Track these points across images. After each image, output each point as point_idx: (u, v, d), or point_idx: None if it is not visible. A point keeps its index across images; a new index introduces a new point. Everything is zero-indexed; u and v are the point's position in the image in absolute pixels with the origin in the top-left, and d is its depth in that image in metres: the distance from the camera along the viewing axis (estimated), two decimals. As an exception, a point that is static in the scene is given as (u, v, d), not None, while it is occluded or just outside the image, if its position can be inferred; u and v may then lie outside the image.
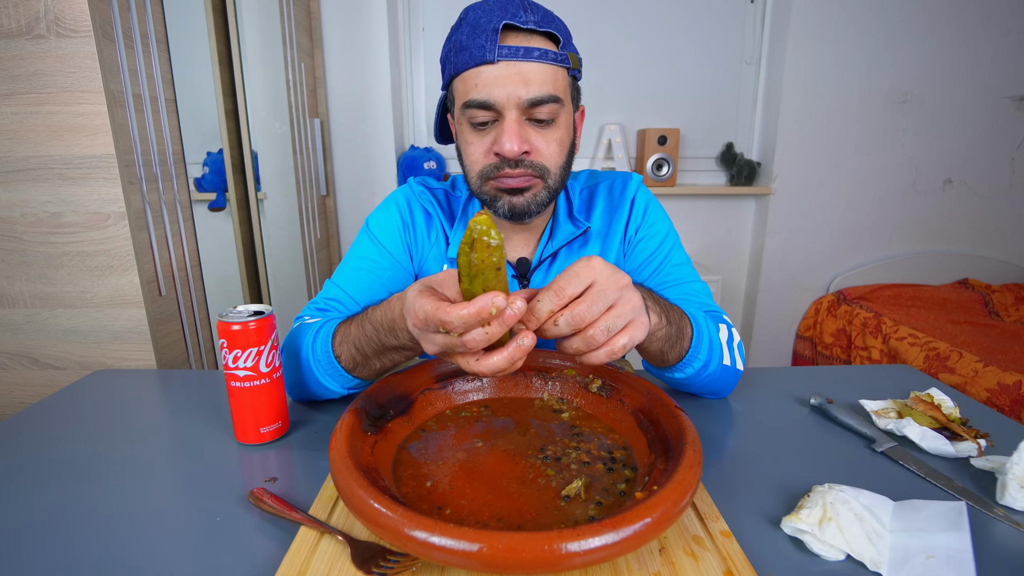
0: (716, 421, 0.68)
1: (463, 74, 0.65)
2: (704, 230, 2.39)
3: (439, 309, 0.42)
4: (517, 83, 0.63)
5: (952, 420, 0.62)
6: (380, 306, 0.58)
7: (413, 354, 0.61)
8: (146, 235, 0.94)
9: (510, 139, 0.64)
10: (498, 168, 0.68)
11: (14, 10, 0.82)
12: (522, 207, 0.70)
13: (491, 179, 0.69)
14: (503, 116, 0.65)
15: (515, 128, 0.64)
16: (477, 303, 0.41)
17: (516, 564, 0.34)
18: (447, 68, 0.68)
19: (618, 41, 2.23)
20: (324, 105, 2.06)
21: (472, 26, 0.64)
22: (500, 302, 0.41)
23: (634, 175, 0.83)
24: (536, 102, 0.64)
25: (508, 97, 0.63)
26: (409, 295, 0.48)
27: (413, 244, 0.80)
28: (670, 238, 0.81)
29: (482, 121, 0.66)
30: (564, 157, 0.71)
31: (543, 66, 0.64)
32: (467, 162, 0.71)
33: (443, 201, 0.82)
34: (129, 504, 0.51)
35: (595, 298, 0.44)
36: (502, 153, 0.65)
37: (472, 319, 0.41)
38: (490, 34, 0.62)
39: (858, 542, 0.43)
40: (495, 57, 0.62)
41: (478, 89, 0.64)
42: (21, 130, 0.86)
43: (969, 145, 2.26)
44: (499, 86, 0.63)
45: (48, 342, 0.95)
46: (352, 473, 0.42)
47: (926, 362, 1.77)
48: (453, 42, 0.66)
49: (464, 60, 0.64)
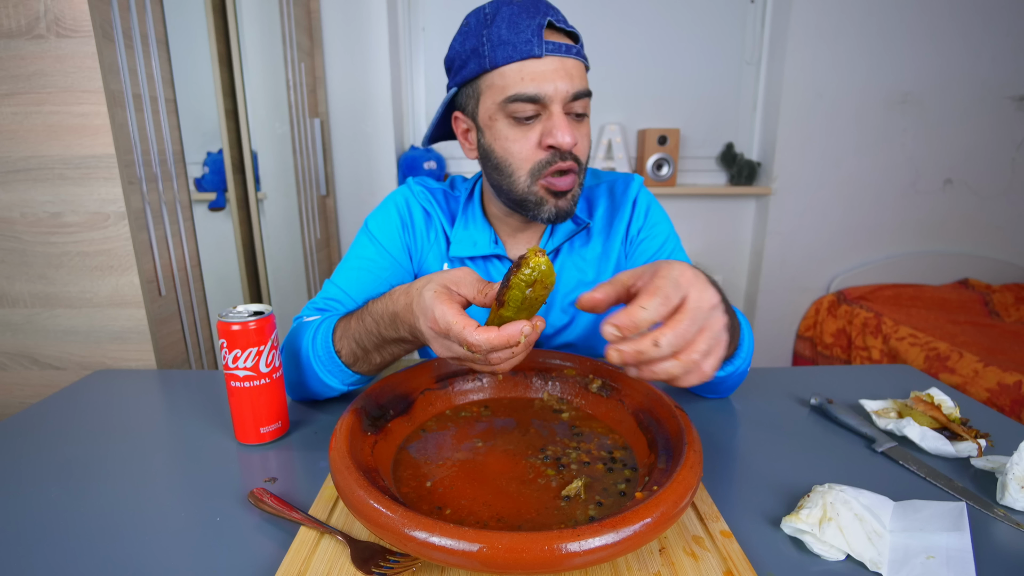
0: (716, 421, 0.67)
1: (503, 68, 0.65)
2: (704, 230, 2.39)
3: (465, 329, 0.44)
4: (563, 77, 0.65)
5: (952, 420, 0.62)
6: (381, 299, 0.58)
7: (413, 347, 0.61)
8: (146, 235, 0.94)
9: (564, 131, 0.65)
10: (550, 163, 0.68)
11: (14, 10, 0.82)
12: (565, 210, 0.71)
13: (542, 177, 0.69)
14: (549, 110, 0.66)
15: (565, 121, 0.66)
16: (507, 331, 0.43)
17: (516, 564, 0.34)
18: (473, 63, 0.67)
19: (618, 41, 2.23)
20: (324, 105, 2.06)
21: (511, 22, 0.65)
22: (528, 330, 0.43)
23: (636, 176, 0.84)
24: (578, 95, 0.66)
25: (556, 91, 0.65)
26: (426, 295, 0.48)
27: (412, 243, 0.80)
28: (672, 239, 0.82)
29: (528, 116, 0.66)
30: (590, 150, 0.73)
31: (579, 62, 0.67)
32: (512, 161, 0.69)
33: (442, 201, 0.82)
34: (129, 504, 0.51)
35: (694, 316, 0.40)
36: (558, 146, 0.66)
37: (500, 345, 0.43)
38: (536, 30, 0.64)
39: (858, 542, 0.42)
40: (543, 52, 0.64)
41: (525, 83, 0.65)
42: (21, 130, 0.86)
43: (969, 145, 2.26)
44: (547, 80, 0.64)
45: (48, 342, 0.95)
46: (352, 473, 0.42)
47: (926, 362, 1.77)
48: (486, 36, 0.66)
49: (506, 54, 0.64)
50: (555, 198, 0.70)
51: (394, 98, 2.10)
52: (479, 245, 0.78)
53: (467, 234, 0.79)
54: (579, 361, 0.65)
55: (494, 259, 0.79)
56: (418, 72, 2.29)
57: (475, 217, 0.79)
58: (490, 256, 0.79)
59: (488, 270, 0.79)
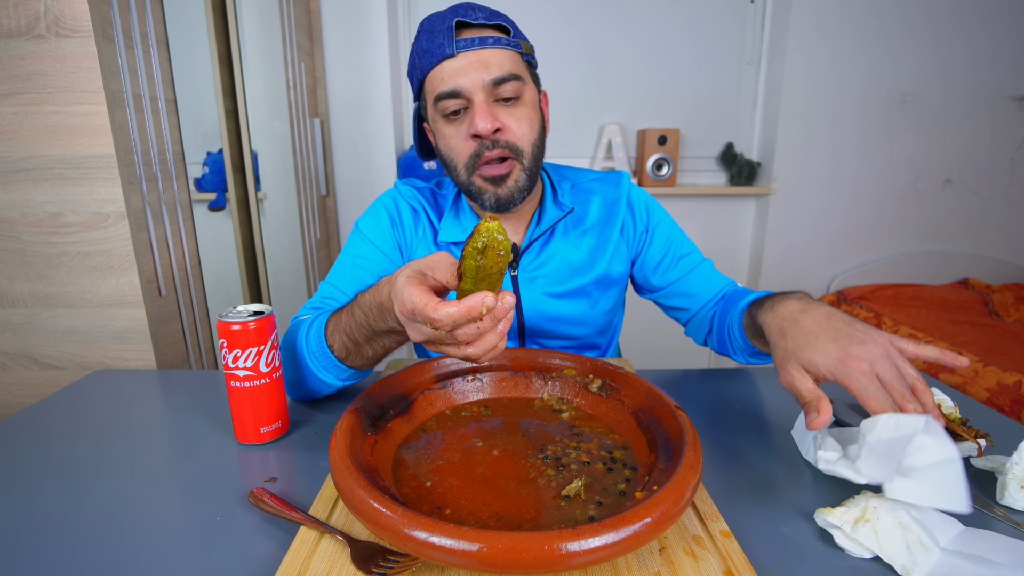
0: (716, 421, 0.68)
1: (429, 74, 0.71)
2: (704, 230, 2.38)
3: (427, 306, 0.43)
4: (478, 68, 0.68)
5: (952, 420, 0.62)
6: (369, 291, 0.59)
7: (404, 339, 0.61)
8: (146, 235, 0.94)
9: (481, 118, 0.68)
10: (478, 155, 0.71)
11: (14, 10, 0.82)
12: (506, 197, 0.73)
13: (475, 169, 0.72)
14: (472, 101, 0.69)
15: (485, 108, 0.69)
16: (466, 303, 0.41)
17: (516, 564, 0.34)
18: (414, 77, 0.74)
19: (618, 41, 2.23)
20: (324, 105, 2.06)
21: (428, 31, 0.70)
22: (490, 301, 0.41)
23: (623, 173, 0.88)
24: (499, 81, 0.69)
25: (473, 82, 0.68)
26: (399, 280, 0.48)
27: (402, 240, 0.82)
28: (675, 229, 0.88)
29: (454, 110, 0.70)
30: (535, 135, 0.74)
31: (499, 51, 0.70)
32: (450, 156, 0.74)
33: (429, 198, 0.85)
34: (129, 504, 0.51)
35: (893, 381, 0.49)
36: (476, 132, 0.69)
37: (461, 318, 0.42)
38: (446, 32, 0.68)
39: (892, 547, 0.42)
40: (454, 50, 0.68)
41: (444, 81, 0.69)
42: (21, 130, 0.86)
43: (969, 145, 2.26)
44: (463, 74, 0.68)
45: (48, 342, 0.95)
46: (352, 473, 0.42)
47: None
48: (415, 51, 0.72)
49: (428, 61, 0.70)
50: (493, 185, 0.72)
51: (394, 98, 2.10)
52: (467, 230, 0.80)
53: (456, 223, 0.81)
54: (579, 361, 0.65)
55: None
56: (418, 72, 2.28)
57: (463, 209, 0.82)
58: None
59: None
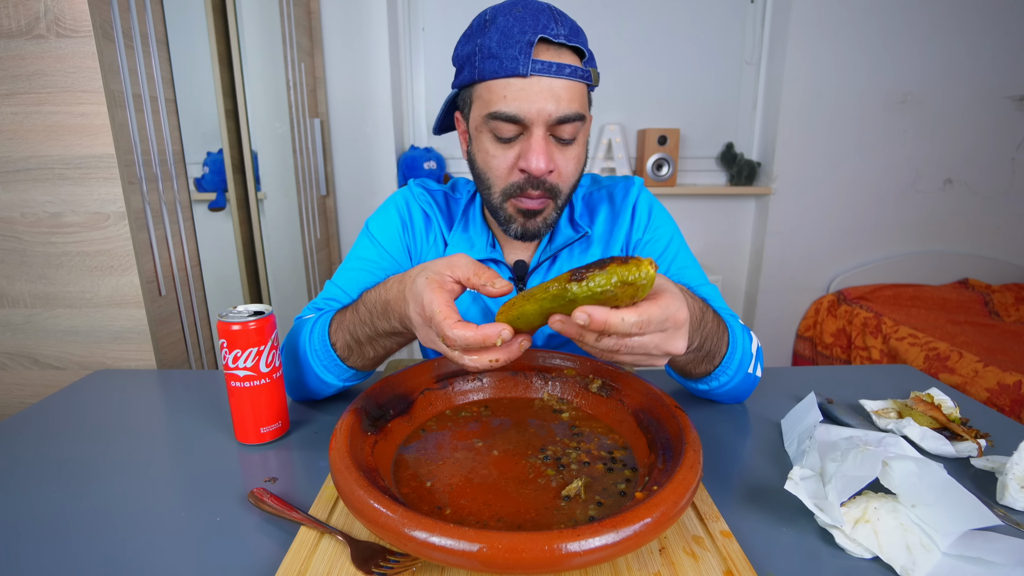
0: (716, 421, 0.68)
1: (490, 82, 0.64)
2: (704, 230, 2.39)
3: (445, 322, 0.44)
4: (548, 99, 0.62)
5: (952, 420, 0.62)
6: (375, 288, 0.58)
7: (404, 341, 0.61)
8: (146, 235, 0.94)
9: (538, 157, 0.63)
10: (521, 188, 0.67)
11: (14, 10, 0.82)
12: (532, 230, 0.71)
13: (511, 197, 0.69)
14: (530, 132, 0.64)
15: (543, 146, 0.64)
16: (483, 331, 0.42)
17: (516, 564, 0.34)
18: (467, 70, 0.66)
19: (618, 41, 2.23)
20: (324, 105, 2.06)
21: (503, 34, 0.62)
22: (507, 335, 0.43)
23: (636, 179, 0.83)
24: (563, 120, 0.63)
25: (539, 113, 0.62)
26: (419, 282, 0.48)
27: (412, 244, 0.80)
28: (675, 241, 0.80)
29: (508, 136, 0.65)
30: (578, 174, 0.70)
31: (571, 83, 0.63)
32: (490, 176, 0.69)
33: (442, 204, 0.82)
34: (129, 504, 0.51)
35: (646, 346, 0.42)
36: (528, 170, 0.65)
37: (474, 344, 0.43)
38: (524, 47, 0.61)
39: (892, 547, 0.43)
40: (528, 71, 0.61)
41: (507, 102, 0.62)
42: (21, 130, 0.86)
43: (969, 145, 2.26)
44: (530, 101, 0.62)
45: (48, 342, 0.95)
46: (352, 473, 0.42)
47: (926, 362, 1.77)
48: (478, 45, 0.64)
49: (493, 68, 0.62)
50: (524, 217, 0.70)
51: (394, 98, 2.10)
52: (476, 248, 0.77)
53: (465, 236, 0.79)
54: (579, 361, 0.65)
55: (490, 263, 0.79)
56: (418, 72, 2.29)
57: (475, 220, 0.79)
58: (486, 260, 0.78)
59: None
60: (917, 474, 0.44)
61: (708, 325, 0.58)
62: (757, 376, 0.68)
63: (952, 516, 0.42)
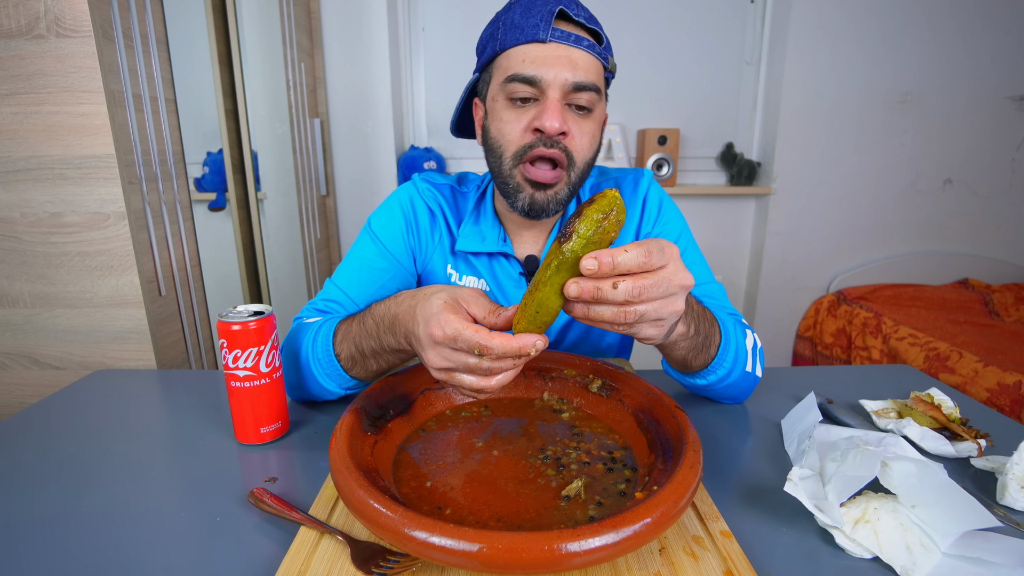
0: (716, 421, 0.68)
1: (510, 50, 0.66)
2: (704, 230, 2.39)
3: (478, 332, 0.44)
4: (565, 65, 0.64)
5: (952, 420, 0.62)
6: (385, 301, 0.58)
7: (407, 357, 0.60)
8: (146, 235, 0.94)
9: (551, 115, 0.64)
10: (531, 146, 0.66)
11: (14, 10, 0.82)
12: (541, 203, 0.69)
13: (523, 162, 0.68)
14: (546, 95, 0.65)
15: (557, 106, 0.65)
16: (521, 339, 0.44)
17: (516, 564, 0.34)
18: (489, 47, 0.69)
19: (618, 41, 2.23)
20: (324, 105, 2.06)
21: (526, 7, 0.65)
22: (541, 345, 0.44)
23: (645, 171, 0.83)
24: (580, 87, 0.65)
25: (555, 77, 0.64)
26: (434, 302, 0.48)
27: (416, 245, 0.79)
28: (684, 236, 0.80)
29: (523, 97, 0.66)
30: (591, 152, 0.71)
31: (589, 56, 0.66)
32: (500, 141, 0.69)
33: (449, 197, 0.81)
34: (129, 504, 0.51)
35: (660, 283, 0.42)
36: (543, 128, 0.65)
37: (511, 351, 0.44)
38: (545, 15, 0.64)
39: (892, 548, 0.43)
40: (548, 37, 0.63)
41: (525, 64, 0.64)
42: (21, 130, 0.86)
43: (969, 145, 2.26)
44: (548, 65, 0.64)
45: (48, 342, 0.95)
46: (352, 473, 0.42)
47: (926, 362, 1.77)
48: (502, 22, 0.67)
49: (515, 37, 0.65)
50: (532, 188, 0.68)
51: (394, 98, 2.10)
52: (487, 241, 0.77)
53: (476, 229, 0.78)
54: (579, 361, 0.65)
55: (500, 257, 0.78)
56: (418, 72, 2.29)
57: (486, 213, 0.78)
58: (496, 254, 0.78)
59: (493, 267, 0.78)
60: (917, 475, 0.44)
61: (695, 308, 0.58)
62: (757, 376, 0.68)
63: (952, 517, 0.42)
